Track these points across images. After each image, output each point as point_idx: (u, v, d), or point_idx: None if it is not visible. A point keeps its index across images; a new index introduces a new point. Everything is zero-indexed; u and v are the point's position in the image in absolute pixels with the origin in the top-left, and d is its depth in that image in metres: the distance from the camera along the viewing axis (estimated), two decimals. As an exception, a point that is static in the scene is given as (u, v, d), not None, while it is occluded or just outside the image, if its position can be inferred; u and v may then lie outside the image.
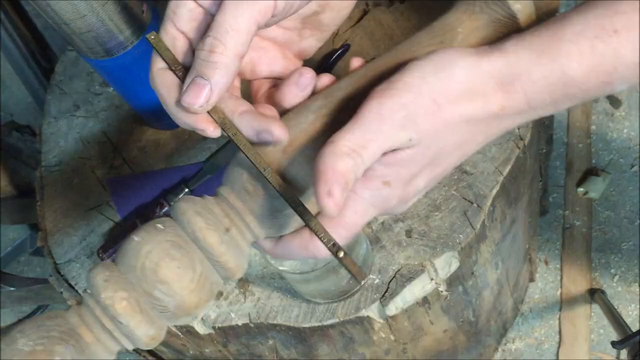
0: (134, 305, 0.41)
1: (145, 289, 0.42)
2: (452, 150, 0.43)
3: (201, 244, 0.43)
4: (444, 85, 0.41)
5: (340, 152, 0.40)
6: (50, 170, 0.87)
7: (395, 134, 0.40)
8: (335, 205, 0.39)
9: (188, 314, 0.44)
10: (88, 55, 0.71)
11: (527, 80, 0.41)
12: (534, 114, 0.43)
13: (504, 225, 0.81)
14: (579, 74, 0.40)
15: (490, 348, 1.12)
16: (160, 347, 0.85)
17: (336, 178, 0.39)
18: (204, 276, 0.43)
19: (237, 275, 0.45)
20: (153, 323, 0.42)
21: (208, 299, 0.44)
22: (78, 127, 0.89)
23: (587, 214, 1.37)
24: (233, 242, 0.44)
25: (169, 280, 0.42)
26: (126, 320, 0.41)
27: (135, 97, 0.80)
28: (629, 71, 0.40)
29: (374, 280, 0.70)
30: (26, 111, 1.49)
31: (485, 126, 0.43)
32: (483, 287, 0.86)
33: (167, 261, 0.42)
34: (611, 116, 1.45)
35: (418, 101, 0.40)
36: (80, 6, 0.64)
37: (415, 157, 0.42)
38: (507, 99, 0.41)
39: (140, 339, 0.42)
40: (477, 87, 0.41)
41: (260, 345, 0.78)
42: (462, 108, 0.41)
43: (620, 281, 1.30)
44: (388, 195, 0.43)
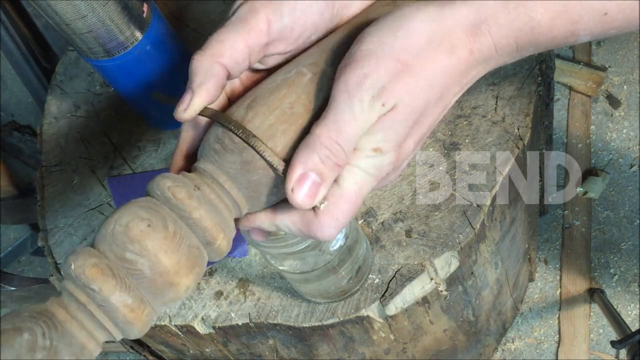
0: (105, 269, 0.39)
1: (117, 254, 0.39)
2: (434, 105, 0.43)
3: (171, 203, 0.41)
4: (404, 42, 0.41)
5: (314, 144, 0.41)
6: (50, 170, 0.87)
7: (366, 107, 0.40)
8: (300, 203, 0.41)
9: (169, 282, 0.40)
10: (88, 55, 0.71)
11: (493, 24, 0.41)
12: (501, 60, 0.43)
13: (504, 225, 0.81)
14: (545, 19, 0.40)
15: (489, 348, 1.13)
16: (161, 347, 0.85)
17: (302, 174, 0.41)
18: (179, 236, 0.40)
19: (219, 240, 0.42)
20: (130, 290, 0.39)
21: (190, 266, 0.41)
22: (78, 127, 0.89)
23: (586, 214, 1.37)
24: (205, 198, 0.42)
25: (139, 238, 0.39)
26: (97, 286, 0.38)
27: (135, 97, 0.80)
28: (594, 21, 0.41)
29: (374, 280, 0.70)
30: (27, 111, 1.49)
31: (458, 75, 0.42)
32: (483, 287, 0.86)
33: (136, 221, 0.39)
34: (610, 116, 1.45)
35: (380, 66, 0.40)
36: (80, 7, 0.64)
37: (398, 119, 0.41)
38: (475, 42, 0.41)
39: (117, 308, 0.39)
40: (441, 36, 0.41)
41: (260, 344, 0.78)
42: (431, 60, 0.41)
43: (619, 281, 1.30)
44: (382, 161, 0.43)
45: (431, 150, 0.75)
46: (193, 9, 0.94)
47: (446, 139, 0.76)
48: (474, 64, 0.43)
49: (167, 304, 0.42)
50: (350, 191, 0.42)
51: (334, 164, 0.41)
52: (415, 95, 0.41)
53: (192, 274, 0.41)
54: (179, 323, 0.73)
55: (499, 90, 0.77)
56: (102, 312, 0.39)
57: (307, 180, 0.41)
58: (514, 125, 0.74)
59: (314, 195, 0.41)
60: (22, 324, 0.37)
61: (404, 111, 0.41)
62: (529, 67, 0.77)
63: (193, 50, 0.44)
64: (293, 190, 0.41)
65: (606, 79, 1.48)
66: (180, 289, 0.41)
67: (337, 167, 0.41)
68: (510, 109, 0.76)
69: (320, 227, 0.43)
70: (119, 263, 0.39)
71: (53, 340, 0.37)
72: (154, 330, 0.76)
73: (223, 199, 0.43)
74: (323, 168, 0.41)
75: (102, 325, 0.39)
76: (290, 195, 0.41)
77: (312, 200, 0.41)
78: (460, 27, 0.41)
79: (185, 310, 0.74)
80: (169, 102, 0.48)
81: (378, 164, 0.43)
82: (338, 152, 0.41)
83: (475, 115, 0.76)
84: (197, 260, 0.42)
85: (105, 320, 0.39)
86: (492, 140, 0.74)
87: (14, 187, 1.51)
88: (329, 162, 0.41)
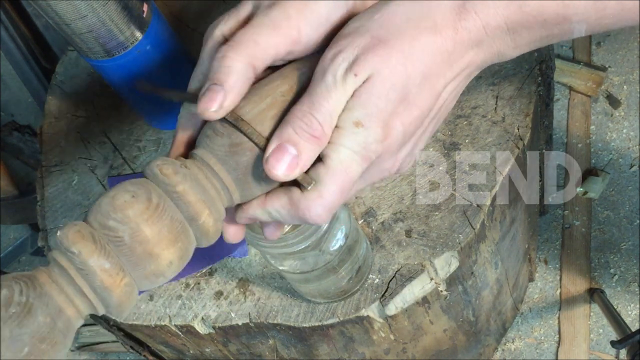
0: (86, 235, 0.39)
1: (100, 222, 0.40)
2: (420, 83, 0.42)
3: (158, 179, 0.42)
4: (381, 23, 0.41)
5: (288, 119, 0.41)
6: (50, 170, 0.87)
7: (339, 79, 0.41)
8: (273, 170, 0.41)
9: (149, 252, 0.40)
10: (88, 55, 0.71)
11: (477, 2, 0.40)
12: (494, 45, 0.42)
13: (504, 225, 0.81)
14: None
15: (489, 347, 1.13)
16: (161, 347, 0.85)
17: (278, 145, 0.41)
18: (162, 208, 0.41)
19: (203, 216, 0.43)
20: (109, 256, 0.40)
21: (172, 239, 0.41)
22: (78, 127, 0.89)
23: (586, 214, 1.37)
24: (192, 175, 0.42)
25: (122, 207, 0.40)
26: (77, 249, 0.39)
27: (135, 97, 0.80)
28: (585, 5, 0.40)
29: (374, 280, 0.70)
30: (27, 111, 1.49)
31: (445, 54, 0.42)
32: (483, 287, 0.86)
33: (121, 193, 0.41)
34: (610, 116, 1.45)
35: (355, 42, 0.41)
36: (80, 7, 0.64)
37: (374, 91, 0.41)
38: (459, 19, 0.41)
39: (95, 271, 0.39)
40: (421, 14, 0.41)
41: (260, 344, 0.78)
42: (409, 36, 0.41)
43: (619, 281, 1.30)
44: (366, 137, 0.42)
45: (431, 150, 0.75)
46: (193, 9, 0.94)
47: (446, 139, 0.76)
48: (462, 45, 0.42)
49: (149, 279, 0.41)
50: (336, 169, 0.42)
51: (309, 135, 0.41)
52: (392, 66, 0.41)
53: (174, 247, 0.41)
54: (179, 323, 0.73)
55: (499, 90, 0.77)
56: (81, 277, 0.39)
57: (284, 152, 0.41)
58: (514, 125, 0.74)
59: (293, 167, 0.41)
60: (4, 282, 0.38)
61: (382, 83, 0.41)
62: (529, 67, 0.77)
63: (193, 50, 0.44)
64: (268, 161, 0.41)
65: (606, 79, 1.48)
66: (161, 262, 0.41)
67: (314, 139, 0.41)
68: (510, 109, 0.76)
69: (308, 207, 0.42)
70: (101, 231, 0.40)
71: (29, 298, 0.38)
72: (154, 330, 0.76)
73: (210, 179, 0.43)
74: (297, 139, 0.41)
75: (81, 291, 0.39)
76: (266, 167, 0.41)
77: (290, 172, 0.41)
78: (444, 6, 0.41)
79: (185, 310, 0.74)
80: (152, 92, 0.49)
81: (362, 140, 0.42)
82: (311, 123, 0.41)
83: (475, 115, 0.76)
84: (180, 235, 0.42)
85: (84, 285, 0.39)
86: (492, 140, 0.74)
87: (14, 187, 1.51)
88: (303, 134, 0.41)
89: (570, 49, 1.53)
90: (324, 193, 0.42)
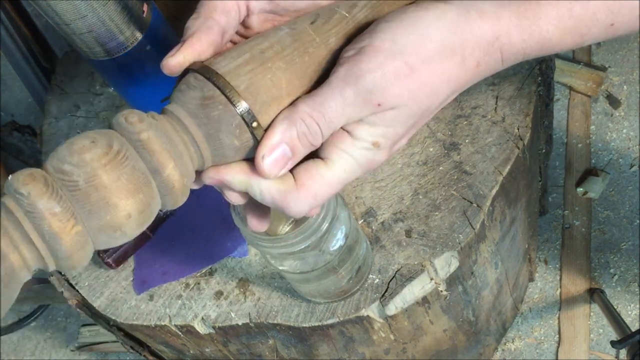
0: (38, 177, 0.36)
1: (55, 166, 0.37)
2: (434, 110, 0.43)
3: (122, 127, 0.39)
4: (417, 46, 0.40)
5: (295, 118, 0.41)
6: (50, 170, 0.87)
7: (360, 101, 0.40)
8: (266, 170, 0.41)
9: (105, 200, 0.37)
10: (88, 55, 0.71)
11: (505, 42, 0.41)
12: (502, 69, 0.44)
13: (504, 225, 0.81)
14: (555, 36, 0.41)
15: (489, 348, 1.13)
16: (161, 347, 0.85)
17: (278, 145, 0.41)
18: (123, 155, 0.38)
19: (168, 169, 0.39)
20: (61, 200, 0.36)
21: (132, 189, 0.38)
22: (79, 127, 0.90)
23: (586, 214, 1.37)
24: (158, 125, 0.40)
25: (80, 151, 0.37)
26: (27, 190, 0.36)
27: (135, 97, 0.80)
28: (600, 32, 0.41)
29: (374, 280, 0.70)
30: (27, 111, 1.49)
31: (462, 85, 0.43)
32: (483, 287, 0.86)
33: (81, 138, 0.38)
34: (610, 116, 1.45)
35: (387, 66, 0.40)
36: (80, 7, 0.64)
37: (399, 118, 0.42)
38: (484, 57, 0.42)
39: (43, 214, 0.36)
40: (454, 47, 0.41)
41: (260, 344, 0.78)
42: (439, 67, 0.41)
43: (619, 281, 1.30)
44: (375, 155, 0.43)
45: (431, 150, 0.75)
46: (193, 9, 0.94)
47: (446, 139, 0.76)
48: (479, 76, 0.43)
49: (105, 232, 0.38)
50: (336, 176, 0.43)
51: (309, 143, 0.41)
52: (419, 100, 0.41)
53: (133, 198, 0.38)
54: (179, 323, 0.73)
55: (499, 90, 0.77)
56: (28, 221, 0.36)
57: (279, 151, 0.41)
58: (514, 125, 0.74)
59: (281, 167, 0.41)
60: None
61: (407, 113, 0.41)
62: (529, 67, 0.77)
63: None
64: (264, 157, 0.41)
65: (606, 79, 1.48)
66: (118, 212, 0.38)
67: (310, 147, 0.42)
68: (510, 109, 0.76)
69: (296, 201, 0.42)
70: (55, 175, 0.37)
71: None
72: (154, 330, 0.76)
73: (179, 133, 0.41)
74: (298, 144, 0.41)
75: (27, 236, 0.36)
76: (259, 162, 0.41)
77: (278, 171, 0.41)
78: (475, 41, 0.41)
79: (185, 310, 0.74)
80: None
81: (371, 157, 0.43)
82: (316, 134, 0.41)
83: (475, 115, 0.76)
84: (141, 186, 0.39)
85: (31, 230, 0.36)
86: (492, 140, 0.74)
87: (14, 187, 1.50)
88: (305, 140, 0.41)
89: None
90: (318, 194, 0.43)
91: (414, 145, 0.76)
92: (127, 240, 0.40)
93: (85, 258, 0.39)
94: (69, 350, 1.50)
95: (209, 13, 0.44)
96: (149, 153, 0.39)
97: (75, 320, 1.52)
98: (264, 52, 0.42)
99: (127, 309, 0.75)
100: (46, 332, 1.54)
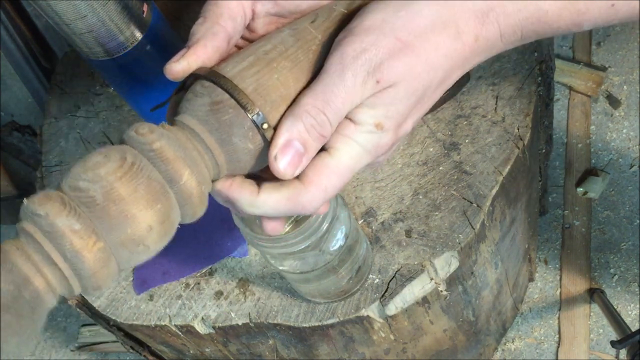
0: (55, 197, 0.36)
1: (71, 185, 0.37)
2: (436, 88, 0.43)
3: (134, 139, 0.38)
4: (407, 22, 0.40)
5: (300, 112, 0.40)
6: (50, 171, 0.87)
7: (359, 81, 0.40)
8: (282, 172, 0.40)
9: (124, 213, 0.36)
10: (88, 55, 0.71)
11: (501, 13, 0.40)
12: (503, 48, 0.43)
13: (504, 225, 0.81)
14: (552, 10, 0.40)
15: (489, 348, 1.13)
16: (161, 347, 0.85)
17: (287, 142, 0.40)
18: (137, 166, 0.37)
19: (184, 177, 0.39)
20: (79, 218, 0.36)
21: (150, 199, 0.37)
22: (79, 127, 0.90)
23: (586, 214, 1.37)
24: (168, 134, 0.39)
25: (94, 167, 0.37)
26: (44, 211, 0.35)
27: (135, 97, 0.80)
28: (599, 12, 0.41)
29: (374, 280, 0.70)
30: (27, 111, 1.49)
31: (462, 60, 0.42)
32: (483, 287, 0.86)
33: (93, 155, 0.37)
34: (610, 116, 1.45)
35: (380, 42, 0.40)
36: (80, 7, 0.64)
37: (398, 96, 0.41)
38: (481, 29, 0.41)
39: (63, 233, 0.35)
40: (447, 20, 0.40)
41: (260, 344, 0.78)
42: (433, 40, 0.40)
43: (619, 281, 1.30)
44: (380, 138, 0.42)
45: (431, 150, 0.75)
46: (193, 9, 0.94)
47: (446, 139, 0.76)
48: (478, 51, 0.42)
49: (127, 246, 0.37)
50: (344, 164, 0.42)
51: (319, 134, 0.41)
52: (417, 75, 0.41)
53: (152, 209, 0.37)
54: (179, 323, 0.73)
55: (499, 90, 0.77)
56: (49, 242, 0.35)
57: (291, 148, 0.40)
58: (514, 125, 0.74)
59: (296, 165, 0.40)
60: None
61: (406, 90, 0.41)
62: (529, 67, 0.77)
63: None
64: (276, 158, 0.40)
65: (606, 79, 1.48)
66: (139, 224, 0.37)
67: (322, 138, 0.41)
68: (510, 109, 0.76)
69: (310, 201, 0.41)
70: (72, 194, 0.36)
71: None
72: (154, 330, 0.76)
73: (192, 141, 0.40)
74: (307, 137, 0.40)
75: (49, 257, 0.35)
76: (273, 163, 0.40)
77: (294, 170, 0.40)
78: (468, 13, 0.40)
79: (185, 310, 0.74)
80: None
81: (376, 141, 0.42)
82: (324, 123, 0.40)
83: (475, 115, 0.76)
84: (159, 196, 0.38)
85: (52, 250, 0.35)
86: (492, 140, 0.74)
87: (14, 187, 1.51)
88: (314, 132, 0.40)
89: (570, 49, 1.53)
90: (329, 187, 0.42)
91: (414, 145, 0.76)
92: (149, 256, 0.39)
93: (109, 276, 0.38)
94: (69, 350, 1.50)
95: (216, 18, 0.43)
96: (163, 162, 0.38)
97: (75, 320, 1.52)
98: (267, 53, 0.42)
99: (127, 309, 0.75)
100: (46, 332, 1.54)
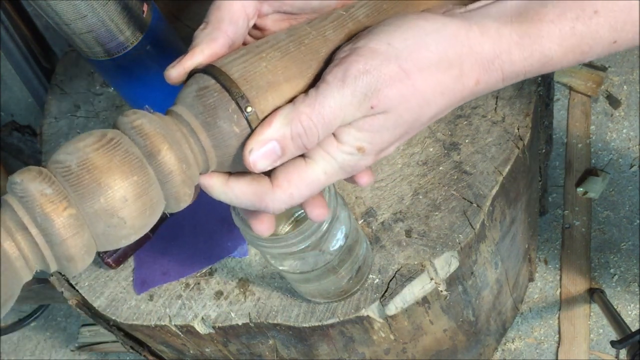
0: (32, 168, 0.37)
1: (52, 159, 0.38)
2: (426, 122, 0.43)
3: (119, 121, 0.40)
4: (413, 53, 0.40)
5: (292, 118, 0.40)
6: (50, 170, 0.87)
7: (356, 102, 0.40)
8: (251, 162, 0.40)
9: (98, 181, 0.37)
10: (88, 55, 0.71)
11: (506, 60, 0.40)
12: (502, 87, 0.43)
13: (504, 225, 0.81)
14: (557, 55, 0.40)
15: (489, 347, 1.13)
16: (161, 347, 0.85)
17: (268, 140, 0.40)
18: (116, 141, 0.38)
19: (163, 151, 0.39)
20: (53, 183, 0.36)
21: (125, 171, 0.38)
22: (79, 127, 0.90)
23: (586, 214, 1.37)
24: (152, 116, 0.40)
25: (74, 142, 0.38)
26: (20, 178, 0.36)
27: (135, 97, 0.80)
28: (602, 49, 0.41)
29: (374, 280, 0.70)
30: (27, 111, 1.49)
31: (459, 100, 0.42)
32: (482, 287, 0.86)
33: (79, 133, 0.39)
34: (610, 116, 1.45)
35: (383, 68, 0.40)
36: (80, 7, 0.64)
37: (387, 124, 0.41)
38: (484, 74, 0.41)
39: (34, 196, 0.36)
40: (453, 60, 0.40)
41: (260, 344, 0.78)
42: (434, 77, 0.40)
43: (619, 281, 1.30)
44: (359, 161, 0.42)
45: (431, 150, 0.75)
46: (193, 9, 0.94)
47: (446, 139, 0.76)
48: (477, 93, 0.42)
49: (101, 216, 0.37)
50: (317, 178, 0.42)
51: (302, 144, 0.41)
52: (410, 107, 0.41)
53: (127, 180, 0.37)
54: (179, 323, 0.73)
55: (499, 90, 0.77)
56: (22, 207, 0.36)
57: (269, 147, 0.40)
58: (514, 125, 0.75)
59: (268, 163, 0.41)
60: None
61: (396, 120, 0.41)
62: (529, 67, 0.77)
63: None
64: (251, 152, 0.40)
65: (606, 79, 1.48)
66: (113, 194, 0.37)
67: (303, 149, 0.41)
68: (510, 109, 0.76)
69: (272, 200, 0.42)
70: (51, 166, 0.38)
71: None
72: (154, 330, 0.76)
73: (177, 124, 0.41)
74: (290, 144, 0.40)
75: (21, 222, 0.36)
76: (246, 154, 0.40)
77: (263, 167, 0.41)
78: (474, 58, 0.40)
79: (185, 310, 0.74)
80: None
81: (355, 162, 0.42)
82: (311, 136, 0.40)
83: (475, 115, 0.76)
84: (135, 169, 0.38)
85: (24, 215, 0.36)
86: (492, 140, 0.74)
87: (14, 187, 1.50)
88: (298, 141, 0.40)
89: (570, 49, 1.53)
90: (295, 195, 0.42)
91: (414, 145, 0.76)
92: (129, 234, 0.39)
93: (83, 248, 0.37)
94: (69, 350, 1.50)
95: (217, 24, 0.43)
96: (142, 137, 0.39)
97: (75, 320, 1.52)
98: (259, 46, 0.43)
99: (127, 309, 0.75)
100: (46, 332, 1.54)
